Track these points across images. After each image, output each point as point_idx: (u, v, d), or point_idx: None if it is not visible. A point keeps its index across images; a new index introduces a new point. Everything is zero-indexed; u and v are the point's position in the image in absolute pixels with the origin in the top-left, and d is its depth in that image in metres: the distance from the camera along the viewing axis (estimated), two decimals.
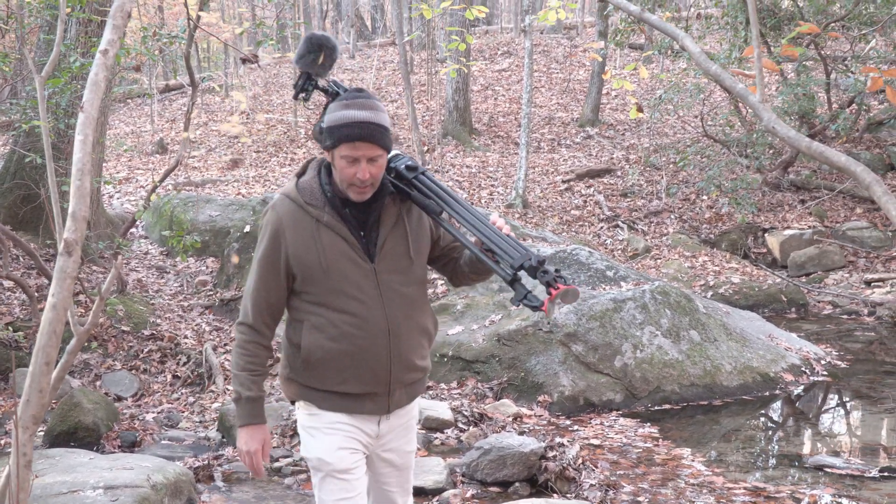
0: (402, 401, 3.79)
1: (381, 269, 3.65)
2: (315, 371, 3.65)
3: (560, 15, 9.03)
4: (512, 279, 3.44)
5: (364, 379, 3.64)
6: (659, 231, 15.38)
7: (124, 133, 23.63)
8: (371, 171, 3.53)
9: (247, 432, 3.65)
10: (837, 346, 10.36)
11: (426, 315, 3.84)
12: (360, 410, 3.70)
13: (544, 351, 8.36)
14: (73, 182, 3.24)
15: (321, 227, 3.62)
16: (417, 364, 3.78)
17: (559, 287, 3.27)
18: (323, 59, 3.83)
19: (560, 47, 30.77)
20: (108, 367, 8.85)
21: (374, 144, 3.52)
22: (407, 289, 3.72)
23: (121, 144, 16.00)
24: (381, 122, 3.57)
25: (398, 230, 3.71)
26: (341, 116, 3.54)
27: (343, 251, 3.61)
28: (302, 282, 3.65)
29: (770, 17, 16.17)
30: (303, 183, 3.72)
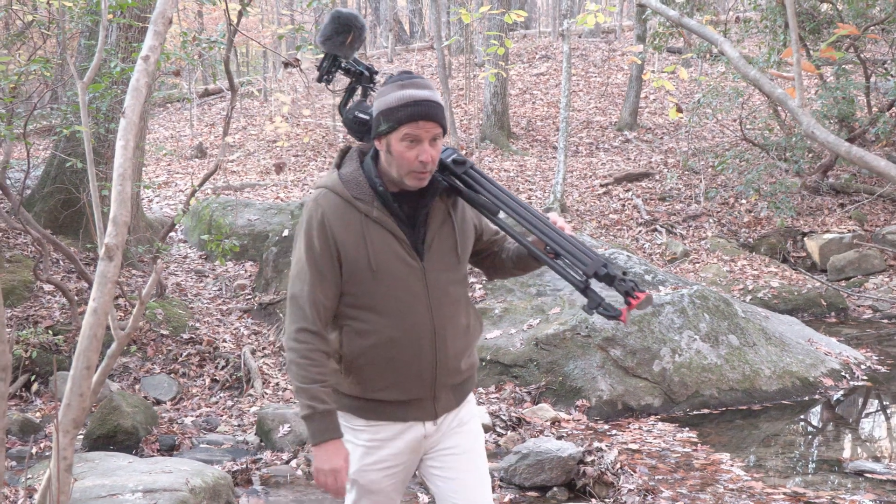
0: (449, 404, 3.60)
1: (430, 268, 3.47)
2: (358, 378, 3.49)
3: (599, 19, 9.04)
4: (585, 286, 3.32)
5: (408, 385, 3.48)
6: (697, 235, 15.32)
7: (164, 137, 23.80)
8: (433, 153, 3.36)
9: (326, 449, 3.39)
10: (877, 350, 10.27)
11: (470, 314, 3.65)
12: (404, 418, 3.53)
13: (582, 355, 8.34)
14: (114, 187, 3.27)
15: (370, 223, 3.42)
16: (462, 367, 3.60)
17: (638, 297, 3.16)
18: (352, 39, 3.67)
19: (598, 51, 30.72)
20: (148, 370, 8.88)
21: (437, 123, 3.35)
22: (453, 288, 3.54)
23: (160, 149, 16.08)
24: (439, 100, 3.41)
25: (446, 227, 3.53)
26: (400, 97, 3.34)
27: (393, 249, 3.42)
28: (347, 282, 3.43)
29: (809, 21, 16.07)
30: (346, 175, 3.50)
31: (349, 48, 3.68)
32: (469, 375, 3.69)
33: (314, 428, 3.39)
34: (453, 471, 3.64)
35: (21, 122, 9.12)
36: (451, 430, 3.63)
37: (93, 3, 8.32)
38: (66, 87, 11.23)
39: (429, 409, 3.53)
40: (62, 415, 3.15)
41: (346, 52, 3.69)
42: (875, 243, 14.36)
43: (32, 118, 9.75)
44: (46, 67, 8.77)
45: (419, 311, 3.43)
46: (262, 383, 8.77)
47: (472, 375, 3.74)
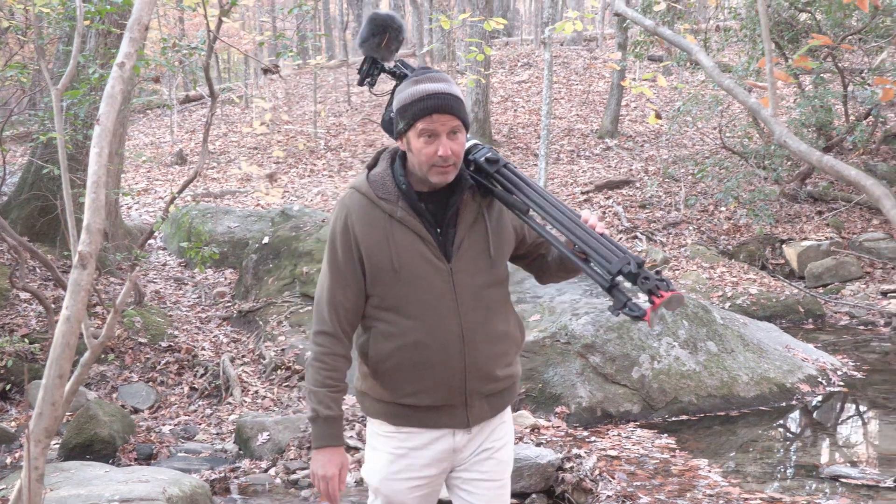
0: (483, 413, 3.50)
1: (458, 270, 3.38)
2: (385, 382, 3.44)
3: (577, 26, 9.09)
4: (610, 285, 3.14)
5: (437, 390, 3.40)
6: (677, 242, 15.36)
7: (143, 144, 23.78)
8: (452, 147, 3.28)
9: (324, 455, 3.41)
10: (854, 356, 10.33)
11: (508, 319, 3.54)
12: (434, 424, 3.46)
13: (562, 362, 8.35)
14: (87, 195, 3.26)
15: (394, 223, 3.36)
16: (499, 374, 3.48)
17: (662, 295, 2.97)
18: (388, 41, 3.64)
19: (580, 59, 30.84)
20: (125, 379, 8.86)
21: (453, 115, 3.27)
22: (486, 291, 3.44)
23: (140, 155, 16.08)
24: (455, 93, 3.32)
25: (478, 227, 3.44)
26: (413, 92, 3.29)
27: (418, 250, 3.36)
28: (371, 284, 3.40)
29: (787, 30, 16.17)
30: (374, 175, 3.47)
31: (386, 50, 3.66)
32: (508, 386, 3.58)
33: (315, 432, 3.41)
34: (476, 497, 3.59)
35: None
36: (483, 454, 3.55)
37: (70, 9, 8.30)
38: (43, 93, 11.20)
39: (460, 417, 3.45)
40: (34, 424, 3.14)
41: (383, 54, 3.67)
42: (852, 250, 14.44)
43: (9, 124, 9.74)
44: (23, 73, 8.75)
45: (446, 313, 3.35)
46: (241, 391, 8.75)
47: (512, 386, 3.63)
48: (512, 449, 3.70)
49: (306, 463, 6.94)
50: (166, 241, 13.77)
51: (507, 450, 3.65)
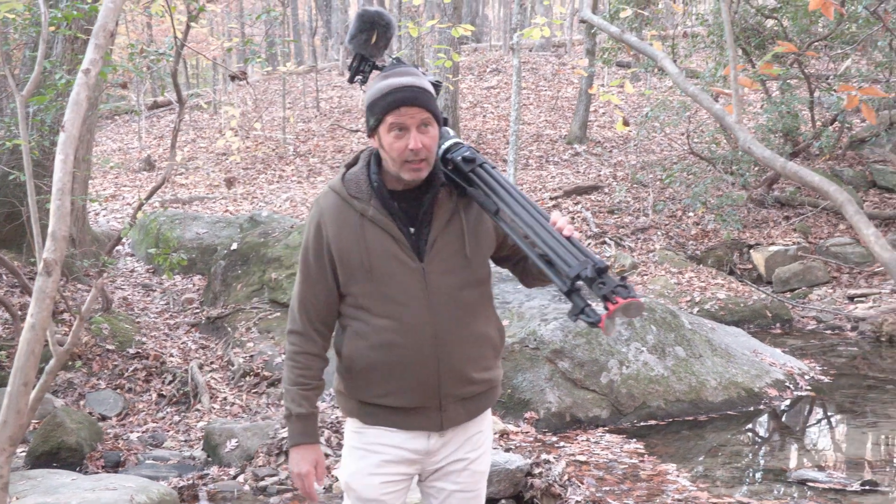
0: (458, 417, 3.44)
1: (431, 270, 3.32)
2: (359, 382, 3.39)
3: (545, 32, 9.11)
4: (569, 290, 3.01)
5: (410, 392, 3.35)
6: (646, 247, 15.42)
7: (111, 150, 23.68)
8: (423, 140, 3.22)
9: (298, 453, 3.41)
10: (821, 360, 10.41)
11: (487, 321, 3.47)
12: (408, 426, 3.41)
13: (531, 368, 8.37)
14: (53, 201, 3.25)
15: (366, 221, 3.33)
16: (475, 377, 3.41)
17: (617, 301, 2.86)
18: (376, 38, 3.56)
19: (548, 65, 30.91)
20: (93, 386, 8.81)
21: (421, 108, 3.22)
22: (462, 292, 3.36)
23: (107, 161, 16.04)
24: (423, 85, 3.28)
25: (453, 226, 3.37)
26: (380, 87, 3.26)
27: (389, 249, 3.31)
28: (345, 283, 3.37)
29: (754, 36, 16.27)
30: (350, 174, 3.44)
31: (374, 47, 3.59)
32: (485, 390, 3.51)
33: (289, 430, 3.42)
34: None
35: None
36: (458, 463, 3.50)
37: (36, 15, 8.26)
38: (9, 99, 11.13)
39: (434, 420, 3.40)
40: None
41: (371, 51, 3.59)
42: (819, 255, 14.54)
43: None
44: None
45: (418, 313, 3.30)
46: (210, 398, 8.72)
47: (491, 391, 3.57)
48: (489, 459, 3.66)
49: (275, 470, 6.93)
50: (134, 247, 13.72)
51: (484, 460, 3.60)
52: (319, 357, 3.45)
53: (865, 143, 17.73)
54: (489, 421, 3.64)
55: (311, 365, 3.43)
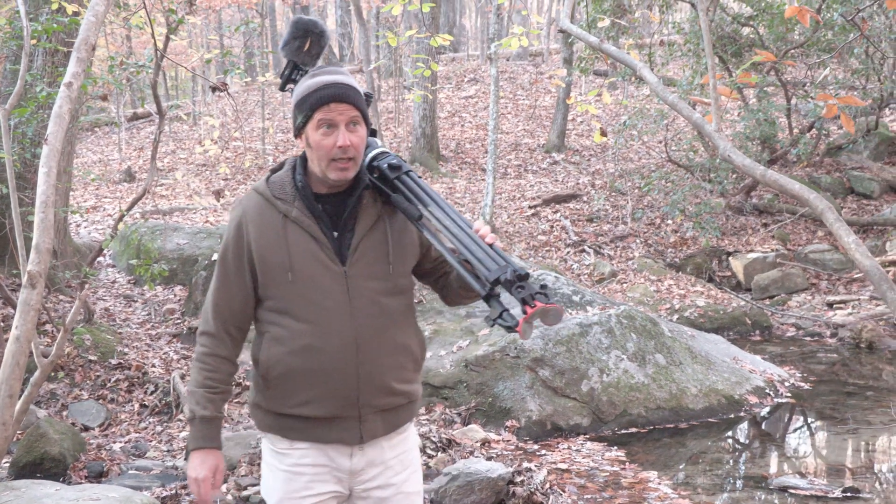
0: (377, 429, 3.32)
1: (354, 274, 3.25)
2: (276, 391, 3.26)
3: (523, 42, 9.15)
4: (488, 294, 3.01)
5: (328, 400, 3.23)
6: (625, 255, 15.48)
7: (92, 162, 23.58)
8: (352, 139, 3.18)
9: (197, 457, 3.26)
10: (801, 367, 10.48)
11: (408, 332, 3.39)
12: (327, 439, 3.28)
13: (511, 376, 8.39)
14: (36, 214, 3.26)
15: (289, 223, 3.25)
16: (395, 387, 3.32)
17: (535, 305, 2.85)
18: (310, 45, 3.55)
19: (526, 74, 30.96)
20: (75, 396, 8.79)
21: (350, 105, 3.19)
22: (384, 299, 3.28)
23: (88, 173, 15.98)
24: (352, 84, 3.24)
25: (377, 232, 3.31)
26: (309, 84, 3.22)
27: (311, 251, 3.23)
28: (264, 286, 3.27)
29: (731, 44, 16.40)
30: (275, 177, 3.37)
31: (307, 55, 3.57)
32: (404, 403, 3.42)
33: (191, 433, 3.29)
34: None
35: None
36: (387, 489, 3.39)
37: (17, 29, 8.26)
38: None
39: (353, 432, 3.28)
40: None
41: (304, 59, 3.57)
42: (797, 262, 14.63)
43: None
44: None
45: (339, 318, 3.21)
46: None
47: (410, 405, 3.47)
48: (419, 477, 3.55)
49: (257, 479, 6.91)
50: (115, 258, 13.68)
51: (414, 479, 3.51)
52: (229, 361, 3.35)
53: (842, 150, 17.86)
54: (413, 439, 3.56)
55: (220, 368, 3.32)
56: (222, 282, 3.32)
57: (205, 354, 3.31)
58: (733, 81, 13.43)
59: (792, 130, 17.66)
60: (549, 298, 2.88)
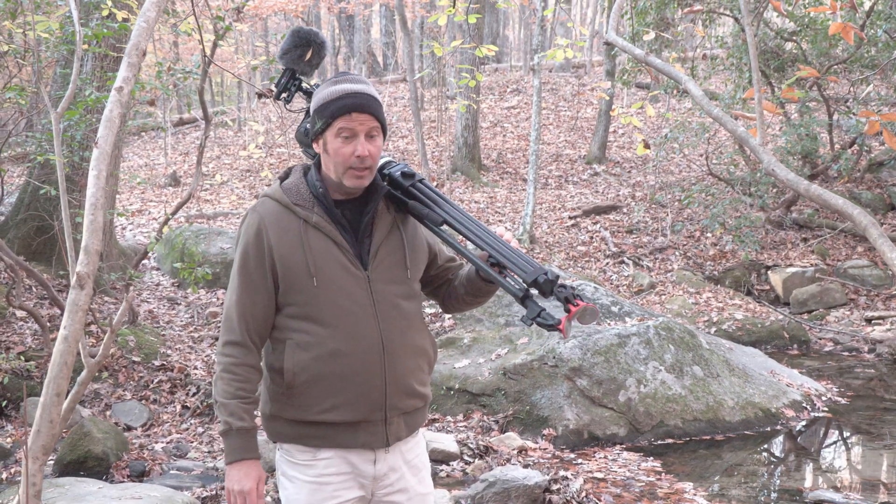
0: (401, 432, 3.36)
1: (376, 278, 3.27)
2: (301, 398, 3.23)
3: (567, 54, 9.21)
4: (524, 296, 3.09)
5: (356, 404, 3.22)
6: (664, 267, 15.46)
7: (138, 165, 23.81)
8: (370, 148, 3.18)
9: (239, 469, 3.19)
10: (838, 382, 10.45)
11: (424, 335, 3.43)
12: (352, 444, 3.27)
13: (549, 385, 8.43)
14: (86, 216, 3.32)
15: (309, 228, 3.24)
16: (417, 389, 3.37)
17: (578, 304, 2.91)
18: (311, 55, 3.55)
19: (568, 85, 30.94)
20: (119, 396, 8.90)
21: (372, 116, 3.20)
22: (404, 302, 3.33)
23: (134, 177, 16.14)
24: (375, 94, 3.27)
25: (393, 238, 3.34)
26: (332, 91, 3.21)
27: (334, 256, 3.23)
28: (286, 292, 3.24)
29: (774, 59, 16.35)
30: (287, 184, 3.35)
31: (307, 64, 3.57)
32: (422, 406, 3.46)
33: (229, 445, 3.21)
34: None
35: None
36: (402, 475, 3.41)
37: (68, 33, 8.39)
38: (40, 114, 11.29)
39: (379, 435, 3.30)
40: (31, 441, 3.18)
41: (303, 68, 3.58)
42: (836, 277, 14.56)
43: (7, 145, 9.81)
44: (21, 95, 8.83)
45: (365, 321, 3.22)
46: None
47: (425, 407, 3.53)
48: (429, 477, 3.59)
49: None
50: (160, 261, 13.82)
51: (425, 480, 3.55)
52: (257, 369, 3.29)
53: (884, 166, 17.74)
54: (423, 441, 3.58)
55: (251, 378, 3.26)
56: (246, 289, 3.27)
57: (233, 364, 3.24)
58: (777, 97, 13.43)
59: (833, 146, 17.57)
60: (584, 297, 2.91)
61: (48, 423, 3.18)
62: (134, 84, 3.87)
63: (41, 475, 3.24)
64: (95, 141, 3.43)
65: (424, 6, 30.56)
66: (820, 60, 15.90)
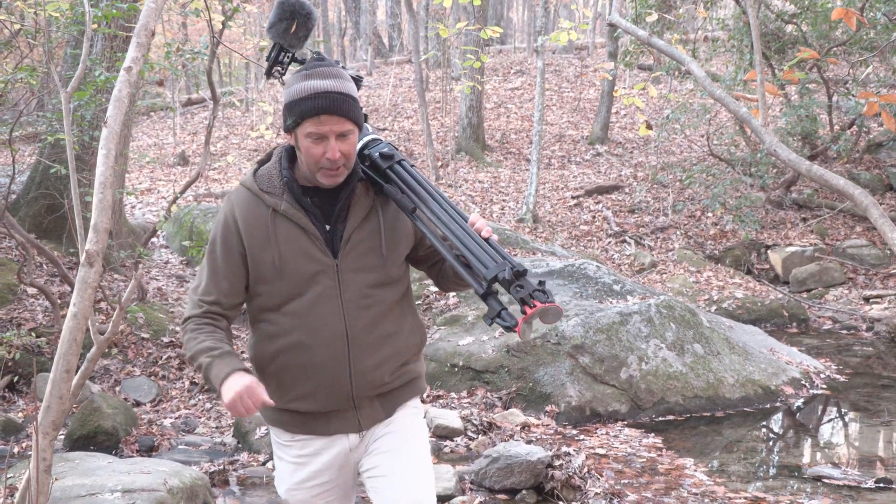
0: (376, 415, 3.31)
1: (345, 267, 3.17)
2: (271, 386, 3.19)
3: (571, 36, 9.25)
4: (485, 293, 2.92)
5: (323, 395, 3.20)
6: (665, 246, 15.52)
7: (147, 145, 23.88)
8: (342, 148, 3.06)
9: (230, 381, 2.98)
10: (836, 360, 10.51)
11: (402, 320, 3.33)
12: (326, 431, 3.28)
13: (552, 362, 8.49)
14: (95, 195, 3.34)
15: (277, 216, 3.16)
16: (386, 379, 3.28)
17: (535, 305, 2.76)
18: (296, 27, 3.37)
19: (571, 67, 30.97)
20: (128, 373, 8.97)
21: (342, 117, 3.04)
22: (376, 291, 3.22)
23: (143, 156, 16.19)
24: (347, 91, 3.09)
25: (370, 223, 3.22)
26: (301, 89, 3.05)
27: (301, 245, 3.15)
28: (254, 282, 3.20)
29: (774, 41, 16.39)
30: (262, 170, 3.27)
31: (294, 37, 3.39)
32: (402, 384, 3.38)
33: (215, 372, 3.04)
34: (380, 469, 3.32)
35: (7, 128, 9.24)
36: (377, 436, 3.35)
37: (78, 14, 8.44)
38: (51, 94, 11.35)
39: (351, 422, 3.28)
40: (42, 417, 3.22)
41: (291, 41, 3.40)
42: (835, 257, 14.64)
43: (18, 125, 9.86)
44: (32, 76, 8.87)
45: (329, 313, 3.15)
46: None
47: (410, 383, 3.42)
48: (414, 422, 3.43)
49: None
50: (168, 239, 13.90)
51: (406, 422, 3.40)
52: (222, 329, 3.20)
53: (882, 147, 17.81)
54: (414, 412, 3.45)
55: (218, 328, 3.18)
56: (212, 276, 3.23)
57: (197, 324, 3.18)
58: (778, 79, 13.50)
59: (833, 127, 17.64)
60: (549, 296, 2.80)
61: (58, 399, 3.17)
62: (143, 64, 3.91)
63: (51, 450, 3.26)
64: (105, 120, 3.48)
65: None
66: (820, 42, 15.95)
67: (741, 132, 17.04)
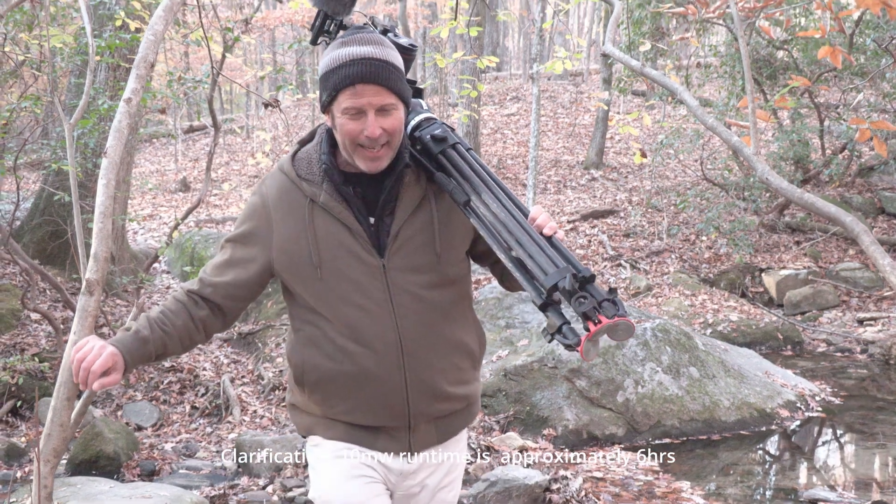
0: (430, 439, 2.95)
1: (394, 266, 2.80)
2: (315, 396, 2.90)
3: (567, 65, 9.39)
4: (544, 303, 2.49)
5: (374, 409, 2.85)
6: (660, 270, 15.56)
7: (149, 171, 24.00)
8: (384, 124, 2.67)
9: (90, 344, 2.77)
10: (831, 382, 10.53)
11: (463, 326, 2.96)
12: (372, 445, 2.91)
13: (549, 386, 8.55)
14: (95, 224, 3.39)
15: (316, 208, 2.80)
16: (449, 391, 2.91)
17: (601, 321, 2.35)
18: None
19: (566, 93, 31.11)
20: (130, 397, 9.00)
21: (382, 87, 2.65)
22: (430, 292, 2.83)
23: (146, 183, 16.33)
24: (388, 58, 2.68)
25: (421, 216, 2.83)
26: (336, 56, 2.68)
27: (343, 242, 2.79)
28: (291, 281, 2.86)
29: (766, 67, 16.53)
30: (302, 153, 2.92)
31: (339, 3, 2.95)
32: (461, 407, 3.03)
33: None
34: None
35: (12, 156, 9.30)
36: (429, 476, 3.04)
37: (82, 45, 8.55)
38: (55, 123, 11.46)
39: (402, 442, 2.92)
40: (43, 444, 3.24)
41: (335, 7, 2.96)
42: (829, 279, 14.67)
43: (23, 152, 9.96)
44: (37, 105, 8.96)
45: (379, 317, 2.79)
46: (241, 411, 8.88)
47: (467, 409, 3.07)
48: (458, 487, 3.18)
49: (303, 481, 6.99)
50: (170, 265, 13.95)
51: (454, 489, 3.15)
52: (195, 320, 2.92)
53: (874, 171, 17.90)
54: (464, 444, 3.15)
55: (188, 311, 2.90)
56: (226, 261, 2.94)
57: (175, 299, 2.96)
58: (769, 104, 13.62)
59: (825, 151, 17.76)
60: (619, 308, 2.41)
61: (59, 426, 3.18)
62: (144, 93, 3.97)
63: (52, 477, 3.26)
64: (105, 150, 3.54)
65: (427, 17, 30.72)
66: (811, 68, 16.09)
67: (734, 157, 17.14)
